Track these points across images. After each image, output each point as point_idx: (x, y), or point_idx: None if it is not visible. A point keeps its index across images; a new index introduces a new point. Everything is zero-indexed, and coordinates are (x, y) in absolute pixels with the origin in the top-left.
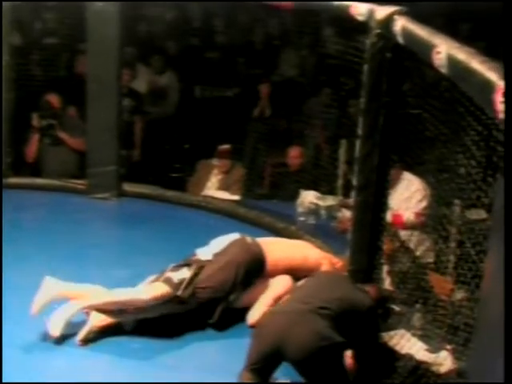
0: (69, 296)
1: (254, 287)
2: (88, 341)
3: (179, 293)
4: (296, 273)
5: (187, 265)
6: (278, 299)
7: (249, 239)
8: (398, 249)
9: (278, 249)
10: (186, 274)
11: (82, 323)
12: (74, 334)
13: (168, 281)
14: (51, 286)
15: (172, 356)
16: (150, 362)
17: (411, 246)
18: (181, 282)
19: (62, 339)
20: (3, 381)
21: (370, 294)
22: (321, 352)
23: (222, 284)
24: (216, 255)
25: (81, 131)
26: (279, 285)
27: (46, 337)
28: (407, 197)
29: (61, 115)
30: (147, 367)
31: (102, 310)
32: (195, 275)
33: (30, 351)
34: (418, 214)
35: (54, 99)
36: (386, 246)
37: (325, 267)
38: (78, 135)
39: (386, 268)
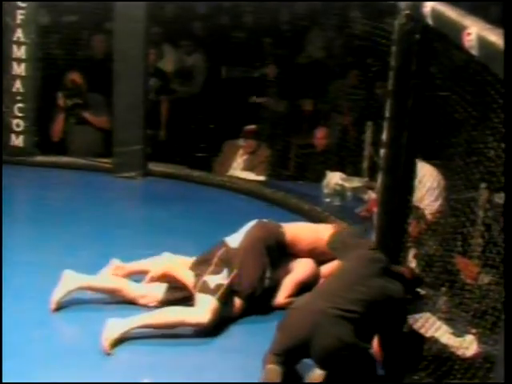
0: (88, 289)
1: (281, 268)
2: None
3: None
4: (320, 255)
5: (223, 261)
6: (300, 284)
7: (266, 220)
8: (425, 231)
9: (299, 228)
10: (223, 279)
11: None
12: None
13: (206, 288)
14: (70, 280)
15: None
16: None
17: (438, 228)
18: (217, 287)
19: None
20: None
21: (405, 275)
22: (344, 357)
23: (259, 280)
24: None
25: (105, 110)
26: (302, 269)
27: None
28: (425, 187)
29: (85, 94)
30: (172, 345)
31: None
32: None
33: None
34: (433, 214)
35: (77, 78)
36: (413, 229)
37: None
38: (102, 114)
39: (412, 251)
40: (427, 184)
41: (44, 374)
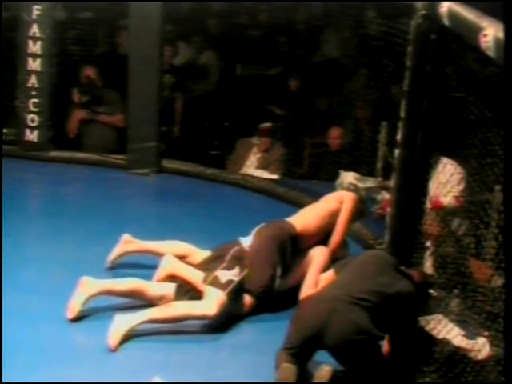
0: (108, 293)
1: (297, 266)
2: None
3: (226, 292)
4: (328, 227)
5: (236, 258)
6: (322, 270)
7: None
8: (444, 232)
9: (304, 216)
10: (234, 276)
11: None
12: None
13: (216, 282)
14: (88, 286)
15: (209, 333)
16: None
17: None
18: (228, 283)
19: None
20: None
21: (414, 278)
22: (358, 343)
23: (270, 279)
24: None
25: (120, 107)
26: (320, 257)
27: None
28: (444, 181)
29: (100, 91)
30: (183, 343)
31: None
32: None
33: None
34: (457, 198)
35: (92, 74)
36: (433, 229)
37: (347, 201)
38: (116, 111)
39: (429, 251)
40: (451, 180)
41: (53, 369)
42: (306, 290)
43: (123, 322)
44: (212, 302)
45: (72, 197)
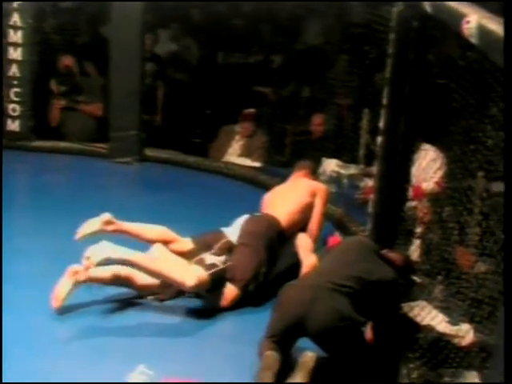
0: (93, 281)
1: (282, 256)
2: None
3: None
4: (304, 221)
5: (224, 249)
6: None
7: (258, 214)
8: (430, 219)
9: (280, 203)
10: (219, 262)
11: None
12: None
13: (201, 262)
14: (74, 274)
15: (192, 324)
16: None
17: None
18: (212, 266)
19: None
20: (3, 381)
21: (396, 261)
22: (340, 330)
23: (255, 271)
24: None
25: (99, 95)
26: (306, 239)
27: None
28: (425, 167)
29: (76, 80)
30: (167, 333)
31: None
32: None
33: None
34: (438, 183)
35: (70, 63)
36: (424, 215)
37: (320, 195)
38: (95, 100)
39: (417, 236)
40: (432, 166)
41: (44, 362)
42: (307, 263)
43: (107, 248)
44: (193, 275)
45: (54, 186)
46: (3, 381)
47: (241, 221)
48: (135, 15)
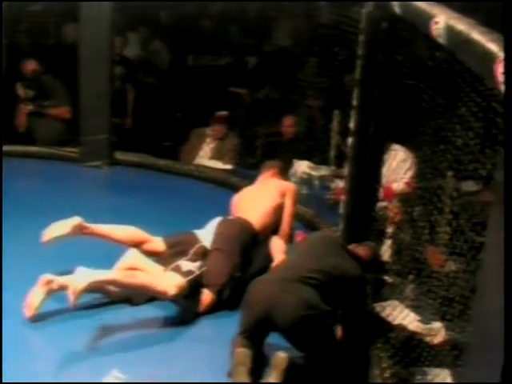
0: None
1: (258, 256)
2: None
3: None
4: (276, 222)
5: (199, 254)
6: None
7: (230, 217)
8: (401, 218)
9: (252, 206)
10: (195, 268)
11: None
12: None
13: (177, 270)
14: (46, 283)
15: (167, 327)
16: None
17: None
18: (189, 272)
19: None
20: (3, 381)
21: (363, 256)
22: (308, 320)
23: (230, 275)
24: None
25: (66, 99)
26: (280, 243)
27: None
28: (395, 167)
29: (43, 83)
30: (141, 336)
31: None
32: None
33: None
34: (408, 183)
35: (35, 67)
36: (395, 215)
37: (289, 195)
38: (61, 103)
39: (388, 236)
40: (402, 167)
41: (13, 366)
42: (278, 257)
43: (85, 275)
44: (173, 283)
45: (24, 191)
46: (3, 381)
47: (214, 223)
48: (104, 16)
